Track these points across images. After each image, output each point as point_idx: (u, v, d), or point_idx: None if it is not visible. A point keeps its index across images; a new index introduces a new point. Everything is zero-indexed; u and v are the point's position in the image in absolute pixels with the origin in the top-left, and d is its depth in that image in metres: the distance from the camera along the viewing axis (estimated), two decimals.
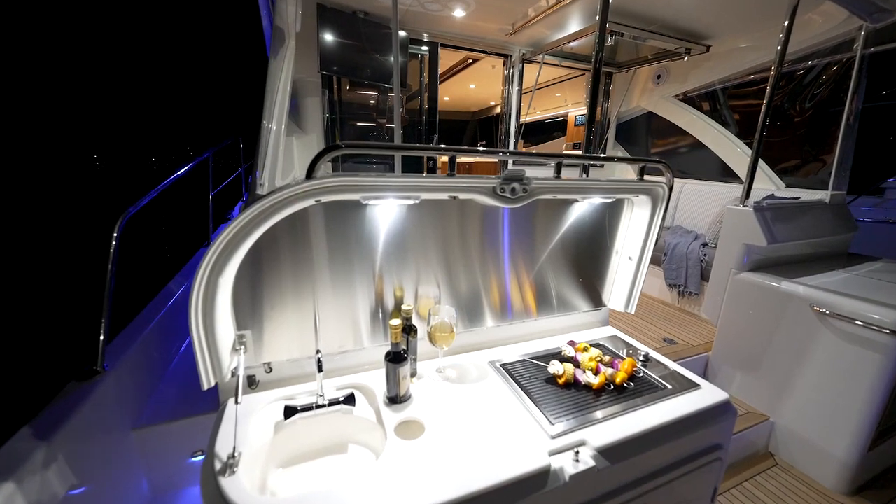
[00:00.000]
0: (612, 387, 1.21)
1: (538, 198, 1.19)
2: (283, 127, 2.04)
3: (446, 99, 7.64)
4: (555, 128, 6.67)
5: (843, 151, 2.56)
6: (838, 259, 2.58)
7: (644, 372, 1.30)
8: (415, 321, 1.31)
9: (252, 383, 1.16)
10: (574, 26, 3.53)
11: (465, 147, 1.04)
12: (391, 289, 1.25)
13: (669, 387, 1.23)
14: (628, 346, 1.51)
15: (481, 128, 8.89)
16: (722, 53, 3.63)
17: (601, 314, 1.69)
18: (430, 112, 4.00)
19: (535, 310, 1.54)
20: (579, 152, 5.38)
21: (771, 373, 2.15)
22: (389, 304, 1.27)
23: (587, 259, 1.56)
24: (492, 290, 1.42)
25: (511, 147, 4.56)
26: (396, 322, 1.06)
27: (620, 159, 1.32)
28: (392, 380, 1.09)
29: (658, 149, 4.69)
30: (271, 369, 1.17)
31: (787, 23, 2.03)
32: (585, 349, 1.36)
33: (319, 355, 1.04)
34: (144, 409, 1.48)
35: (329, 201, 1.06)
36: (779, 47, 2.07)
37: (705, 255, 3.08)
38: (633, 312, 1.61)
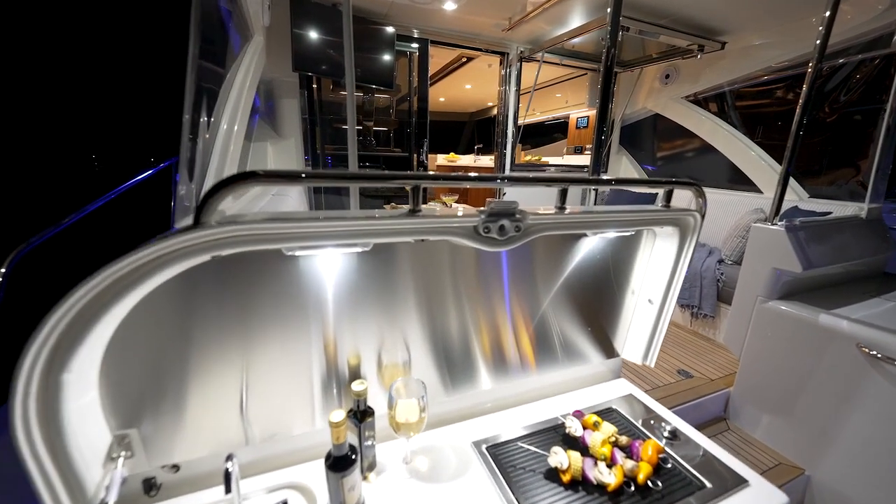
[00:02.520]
0: (634, 486, 0.92)
1: (537, 236, 0.89)
2: (236, 127, 1.75)
3: (442, 100, 7.35)
4: (555, 129, 6.38)
5: (882, 159, 2.27)
6: (875, 281, 2.29)
7: (672, 458, 1.01)
8: (377, 392, 1.01)
9: (151, 488, 0.86)
10: (576, 21, 3.24)
11: (438, 174, 0.75)
12: (346, 356, 0.96)
13: (709, 484, 0.93)
14: (648, 411, 1.21)
15: (479, 129, 8.59)
16: (738, 51, 3.33)
17: (613, 364, 1.40)
18: (419, 113, 3.70)
19: (533, 364, 1.24)
20: (585, 161, 5.07)
21: (807, 419, 1.85)
22: (345, 371, 0.97)
23: (597, 302, 1.26)
24: (479, 346, 1.12)
25: (509, 151, 4.27)
26: (339, 417, 0.76)
27: (641, 181, 1.02)
28: (334, 492, 0.79)
29: (664, 152, 4.41)
30: (179, 467, 0.87)
31: (828, 13, 1.74)
32: (596, 424, 1.07)
33: (230, 465, 0.74)
34: None
35: None
36: (818, 41, 1.77)
37: (722, 273, 2.78)
38: (652, 365, 1.31)
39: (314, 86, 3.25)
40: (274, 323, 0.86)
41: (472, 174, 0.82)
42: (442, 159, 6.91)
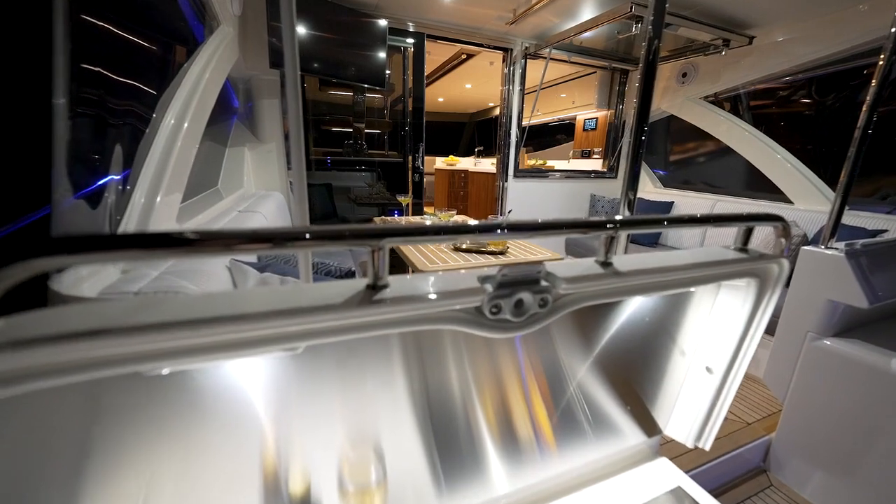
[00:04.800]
0: None
1: (570, 310, 0.59)
2: (186, 124, 1.45)
3: (441, 100, 7.05)
4: (559, 131, 6.08)
5: None
6: None
7: None
8: None
9: None
10: (588, 13, 2.93)
11: (411, 227, 0.44)
12: (288, 482, 0.65)
13: None
14: None
15: (479, 130, 8.29)
16: (766, 47, 3.02)
17: (652, 442, 1.09)
18: (415, 114, 3.40)
19: (554, 448, 0.94)
20: (593, 165, 4.75)
21: (876, 484, 1.54)
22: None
23: (637, 371, 0.96)
24: (486, 443, 0.82)
25: (512, 155, 3.96)
26: None
27: (713, 219, 0.72)
28: None
29: (678, 156, 4.11)
30: None
31: None
32: None
33: None
34: None
35: None
36: (893, 29, 1.47)
37: None
38: (707, 448, 1.01)
39: (303, 84, 2.95)
40: (180, 450, 0.55)
41: (472, 223, 0.51)
42: (441, 162, 6.61)
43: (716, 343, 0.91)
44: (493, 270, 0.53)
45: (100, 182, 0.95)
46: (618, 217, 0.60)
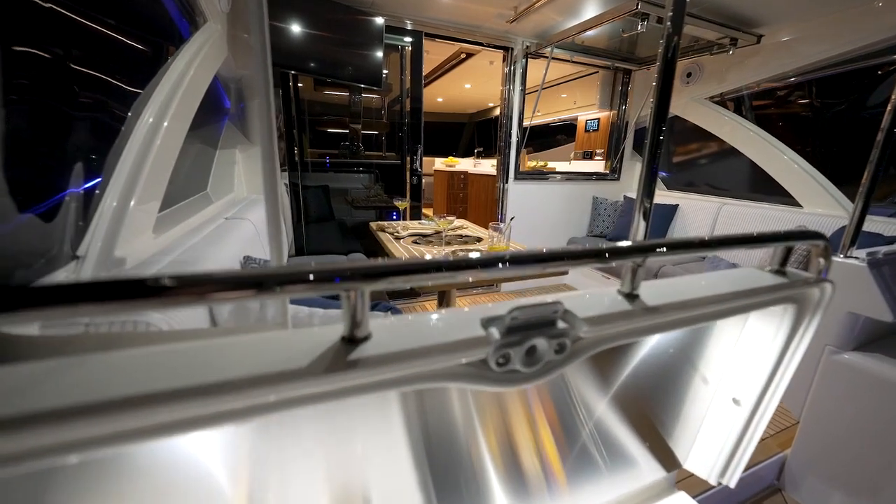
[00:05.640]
0: None
1: (591, 354, 0.50)
2: (166, 123, 1.36)
3: (440, 100, 6.96)
4: (559, 132, 5.99)
5: None
6: None
7: None
8: None
9: None
10: (591, 11, 2.84)
11: (397, 265, 0.34)
12: None
13: None
14: None
15: (479, 131, 8.19)
16: (775, 46, 2.94)
17: (670, 476, 1.00)
18: (413, 115, 3.30)
19: (564, 486, 0.85)
20: (595, 167, 4.66)
21: None
22: None
23: (656, 404, 0.87)
24: (489, 487, 0.73)
25: (513, 156, 3.86)
26: None
27: (741, 241, 0.62)
28: None
29: (681, 157, 4.02)
30: None
31: None
32: None
33: None
34: None
35: None
36: None
37: None
38: (733, 486, 0.92)
39: (298, 84, 2.85)
40: None
41: (473, 257, 0.42)
42: (440, 163, 6.52)
43: (744, 372, 0.82)
44: (502, 310, 0.44)
45: (58, 186, 0.86)
46: (626, 243, 0.50)
